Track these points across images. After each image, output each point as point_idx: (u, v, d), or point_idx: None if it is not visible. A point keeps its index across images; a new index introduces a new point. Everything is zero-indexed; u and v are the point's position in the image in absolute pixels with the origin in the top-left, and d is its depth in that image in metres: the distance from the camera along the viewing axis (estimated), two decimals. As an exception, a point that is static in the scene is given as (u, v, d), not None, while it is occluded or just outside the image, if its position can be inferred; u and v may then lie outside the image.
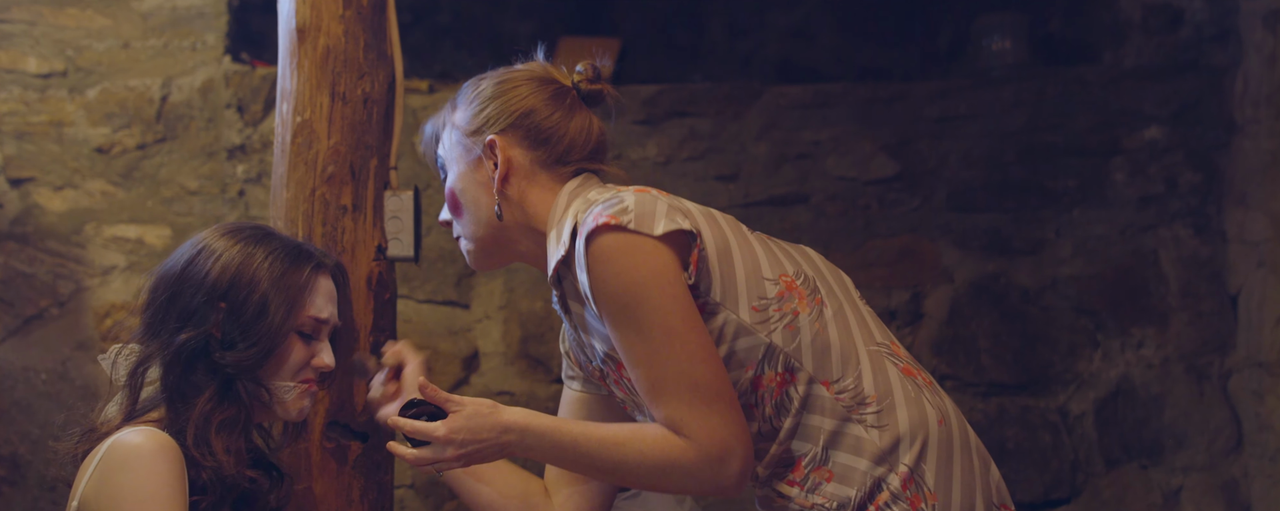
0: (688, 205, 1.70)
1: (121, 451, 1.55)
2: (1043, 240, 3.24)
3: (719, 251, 1.66)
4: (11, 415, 3.08)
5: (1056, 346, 3.21)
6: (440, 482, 3.13)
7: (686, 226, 1.62)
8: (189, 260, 1.68)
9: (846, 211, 3.25)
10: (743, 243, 1.70)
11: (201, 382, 1.64)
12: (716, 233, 1.67)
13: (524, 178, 1.78)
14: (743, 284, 1.65)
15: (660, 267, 1.61)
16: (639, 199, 1.65)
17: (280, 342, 1.67)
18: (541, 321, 3.18)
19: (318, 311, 1.71)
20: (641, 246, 1.61)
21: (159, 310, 1.67)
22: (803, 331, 1.65)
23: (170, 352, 1.64)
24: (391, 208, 2.30)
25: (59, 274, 3.13)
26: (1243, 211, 3.11)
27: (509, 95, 1.81)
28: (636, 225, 1.61)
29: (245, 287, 1.65)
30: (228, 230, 1.73)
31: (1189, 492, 3.17)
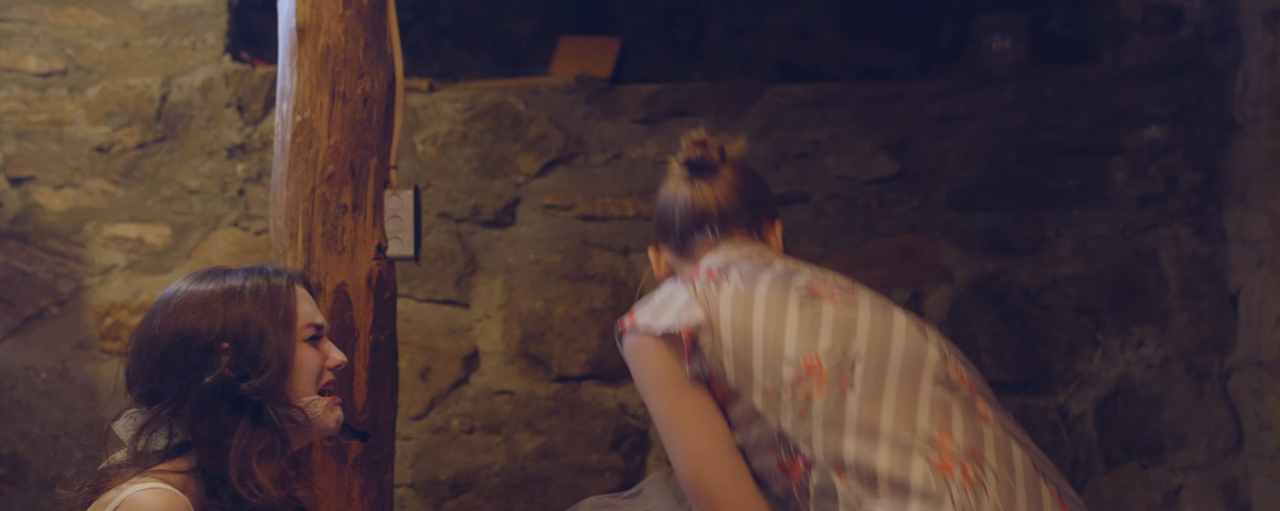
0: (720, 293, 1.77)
1: (136, 508, 1.56)
2: (1043, 239, 3.24)
3: (736, 338, 1.73)
4: (12, 414, 3.08)
5: (1056, 345, 3.21)
6: (441, 482, 3.13)
7: (676, 329, 1.73)
8: (164, 318, 1.70)
9: (846, 211, 3.25)
10: (774, 319, 1.74)
11: (230, 422, 1.65)
12: (739, 319, 1.74)
13: (675, 273, 1.96)
14: (759, 369, 1.71)
15: (657, 365, 1.75)
16: (668, 293, 1.80)
17: (293, 354, 1.70)
18: (541, 321, 3.18)
19: (310, 317, 1.75)
20: (644, 346, 1.77)
21: (154, 376, 1.68)
22: (814, 416, 1.67)
23: (189, 406, 1.65)
24: (391, 207, 2.30)
25: (59, 273, 3.13)
26: (1243, 211, 3.11)
27: (653, 209, 2.00)
28: (645, 324, 1.77)
29: (238, 322, 1.68)
30: (185, 287, 1.74)
31: (1189, 491, 3.17)
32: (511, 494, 3.13)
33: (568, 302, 3.19)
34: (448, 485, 3.13)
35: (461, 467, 3.13)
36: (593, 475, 3.14)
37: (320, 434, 1.76)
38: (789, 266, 1.87)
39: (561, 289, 3.19)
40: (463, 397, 3.16)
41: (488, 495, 3.13)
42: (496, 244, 3.21)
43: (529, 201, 3.22)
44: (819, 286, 1.81)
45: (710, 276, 1.80)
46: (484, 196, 3.21)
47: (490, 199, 3.21)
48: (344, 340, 2.22)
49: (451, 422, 3.15)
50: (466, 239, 3.20)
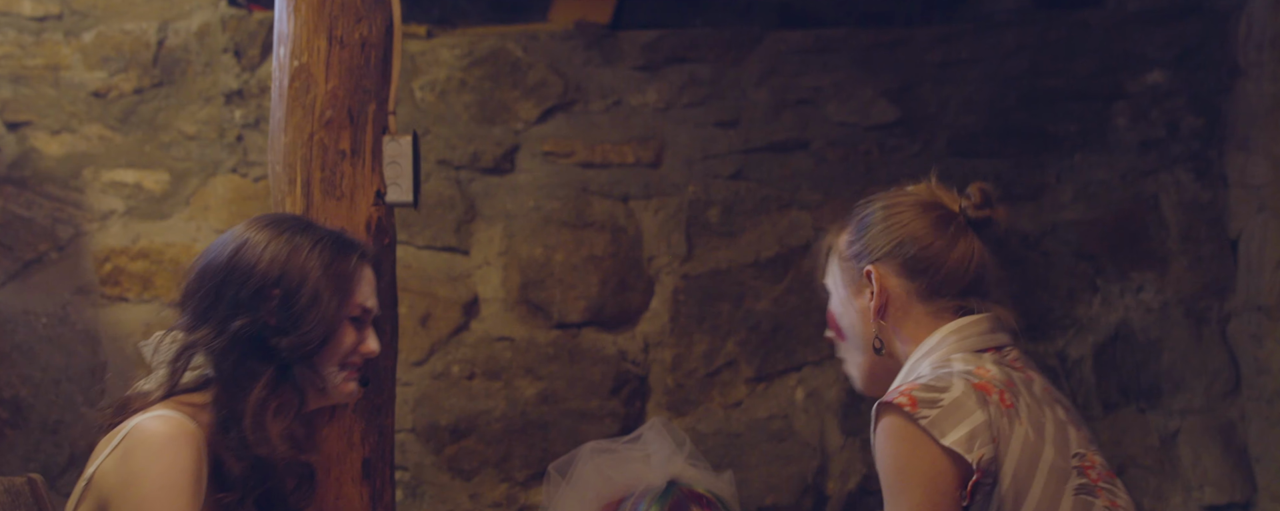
0: (1017, 428, 1.60)
1: (143, 435, 1.57)
2: (1043, 185, 3.23)
3: (1009, 495, 1.58)
4: (13, 358, 3.09)
5: (1056, 291, 3.22)
6: (441, 427, 3.15)
7: (970, 460, 1.56)
8: (234, 251, 1.71)
9: (847, 157, 3.24)
10: (1048, 497, 1.59)
11: (256, 369, 1.66)
12: (1021, 475, 1.58)
13: (900, 309, 1.73)
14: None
15: (931, 472, 1.57)
16: (961, 398, 1.59)
17: (337, 328, 1.71)
18: (541, 268, 3.19)
19: (365, 299, 1.76)
20: (920, 444, 1.57)
21: (206, 299, 1.70)
22: None
23: (224, 339, 1.66)
24: (390, 153, 2.29)
25: (58, 218, 3.12)
26: (1244, 155, 3.10)
27: (891, 221, 1.75)
28: (929, 424, 1.57)
29: (297, 275, 1.69)
30: (268, 222, 1.76)
31: (1186, 435, 3.19)
32: (512, 439, 3.15)
33: (567, 250, 3.19)
34: (448, 430, 3.15)
35: (462, 413, 3.15)
36: (593, 420, 3.15)
37: (334, 402, 1.77)
38: (1047, 393, 1.73)
39: (561, 236, 3.19)
40: (463, 344, 3.17)
41: (488, 440, 3.15)
42: (496, 191, 3.20)
43: (528, 148, 3.22)
44: (1089, 462, 1.67)
45: (1002, 402, 1.61)
46: (483, 143, 3.20)
47: (489, 146, 3.20)
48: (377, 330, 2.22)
49: (452, 368, 3.16)
50: (466, 186, 3.20)
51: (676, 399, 3.19)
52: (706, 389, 3.19)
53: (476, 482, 3.14)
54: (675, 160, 3.23)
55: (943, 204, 1.78)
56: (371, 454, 2.22)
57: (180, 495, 1.54)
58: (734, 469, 2.51)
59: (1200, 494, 3.16)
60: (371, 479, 2.22)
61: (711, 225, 3.22)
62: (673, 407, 3.18)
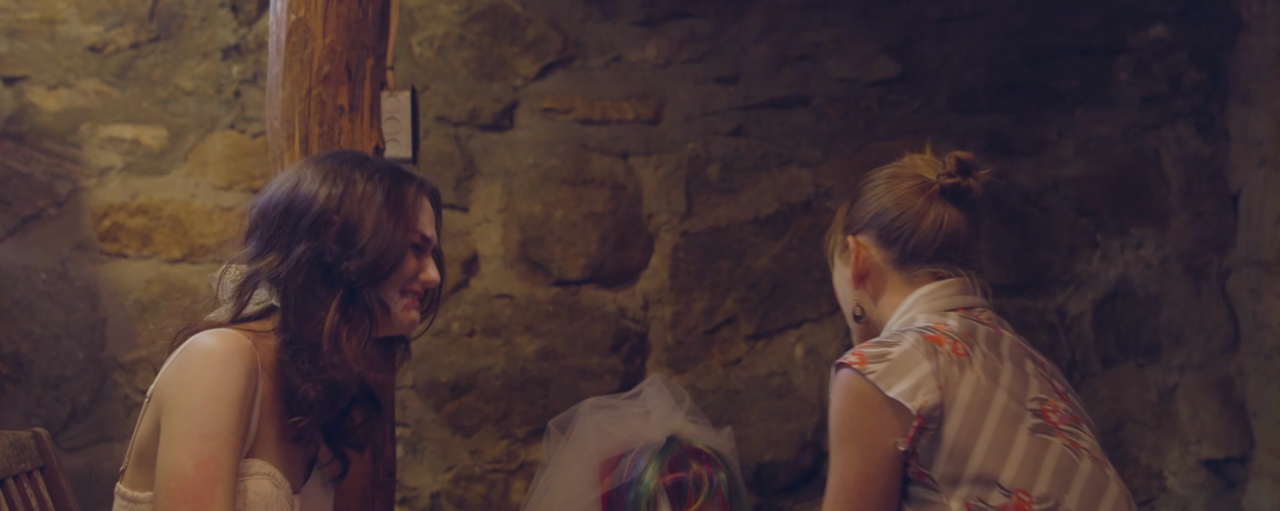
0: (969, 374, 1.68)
1: (197, 347, 1.61)
2: (1044, 141, 3.22)
3: (960, 436, 1.65)
4: (13, 314, 3.09)
5: (1056, 247, 3.21)
6: (442, 384, 3.16)
7: (911, 408, 1.65)
8: (294, 184, 1.74)
9: (847, 113, 3.23)
10: (1002, 437, 1.66)
11: (324, 294, 1.69)
12: (971, 416, 1.66)
13: (878, 276, 1.84)
14: (969, 477, 1.65)
15: (869, 425, 1.67)
16: (909, 350, 1.69)
17: (403, 253, 1.73)
18: (541, 225, 3.18)
19: (424, 228, 1.78)
20: (864, 397, 1.68)
21: (268, 231, 1.73)
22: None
23: (288, 266, 1.69)
24: (388, 108, 2.28)
25: (56, 174, 3.12)
26: (1246, 110, 3.09)
27: (869, 193, 1.86)
28: (878, 377, 1.67)
29: (358, 203, 1.71)
30: (326, 156, 1.79)
31: (1184, 390, 3.20)
32: (512, 396, 3.16)
33: (567, 207, 3.18)
34: (448, 387, 3.15)
35: (462, 370, 3.15)
36: (592, 377, 3.16)
37: (398, 330, 1.79)
38: (1015, 347, 1.81)
39: (560, 193, 3.18)
40: (463, 301, 3.17)
41: (488, 397, 3.16)
42: (495, 148, 3.19)
43: (527, 105, 3.20)
44: (1050, 406, 1.74)
45: (955, 351, 1.70)
46: (482, 99, 3.19)
47: (488, 102, 3.19)
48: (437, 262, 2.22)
49: (452, 325, 3.17)
50: (464, 142, 3.19)
51: (676, 356, 3.19)
52: (706, 346, 3.20)
53: (477, 439, 3.15)
54: (675, 117, 3.22)
55: (920, 174, 1.86)
56: (372, 409, 2.23)
57: (227, 406, 1.58)
58: (733, 425, 2.52)
59: (1197, 448, 3.18)
60: (372, 434, 2.23)
61: (711, 182, 3.21)
62: (672, 364, 3.19)
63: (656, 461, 2.23)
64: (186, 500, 1.55)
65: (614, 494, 2.24)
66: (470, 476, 3.15)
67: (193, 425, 1.57)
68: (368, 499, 2.22)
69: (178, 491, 1.55)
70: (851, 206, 1.89)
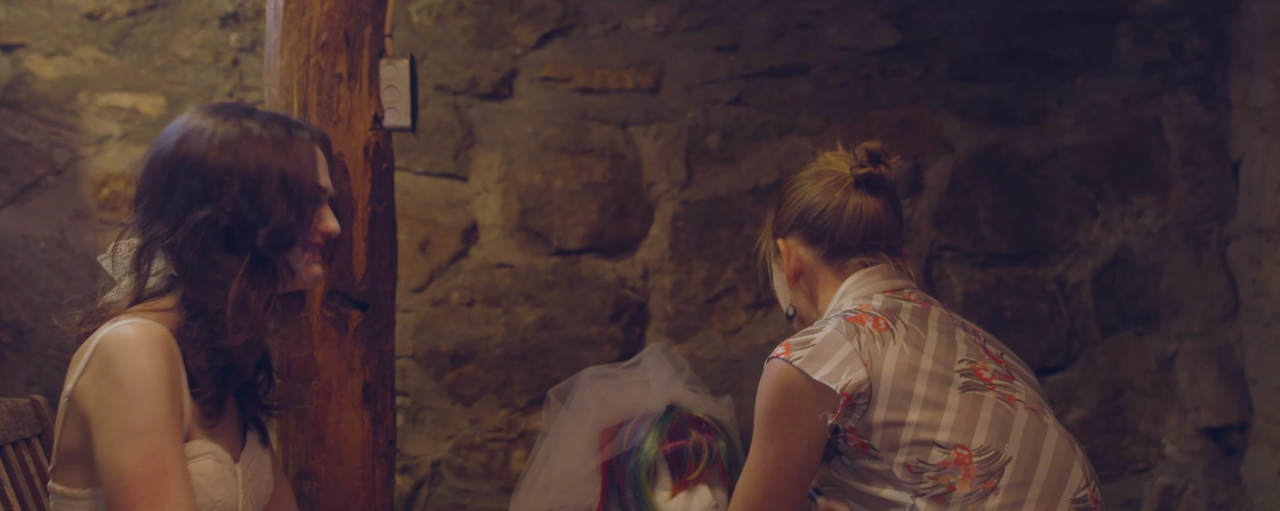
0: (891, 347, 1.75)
1: (115, 343, 1.54)
2: (1045, 109, 3.22)
3: (891, 410, 1.72)
4: (13, 282, 3.09)
5: (1056, 216, 3.21)
6: (442, 353, 3.16)
7: (835, 388, 1.71)
8: (180, 141, 1.65)
9: (848, 82, 3.22)
10: (934, 399, 1.72)
11: (225, 262, 1.62)
12: (900, 385, 1.72)
13: (811, 275, 1.91)
14: (907, 442, 1.71)
15: (795, 410, 1.74)
16: (831, 334, 1.76)
17: (309, 212, 1.67)
18: (540, 194, 3.18)
19: (320, 179, 1.71)
20: (791, 385, 1.75)
21: (159, 195, 1.64)
22: (952, 506, 1.69)
23: (182, 233, 1.61)
24: (387, 76, 2.27)
25: (54, 142, 3.11)
26: (1248, 77, 3.08)
27: (791, 196, 1.92)
28: (803, 363, 1.74)
29: (254, 162, 1.63)
30: (210, 110, 1.70)
31: (1183, 358, 3.20)
32: (512, 365, 3.16)
33: (566, 176, 3.18)
34: (448, 356, 3.16)
35: (462, 339, 3.16)
36: (592, 347, 3.16)
37: (300, 287, 1.74)
38: (944, 319, 1.86)
39: (560, 162, 3.18)
40: (462, 270, 3.17)
41: (488, 366, 3.16)
42: (494, 116, 3.18)
43: (526, 74, 3.19)
44: (980, 366, 1.80)
45: (877, 327, 1.77)
46: (481, 68, 3.18)
47: (487, 71, 3.18)
48: (342, 211, 2.22)
49: (451, 295, 3.17)
50: (464, 111, 3.18)
51: (676, 325, 3.20)
52: (706, 315, 3.20)
53: (477, 408, 3.16)
54: (675, 85, 3.21)
55: (835, 170, 1.92)
56: (372, 378, 2.23)
57: (157, 395, 1.52)
58: (733, 394, 2.53)
59: (1196, 416, 3.19)
60: (372, 403, 2.24)
61: (711, 151, 3.20)
62: (672, 334, 3.19)
63: (656, 430, 2.23)
64: (140, 498, 1.49)
65: (614, 462, 2.24)
66: (470, 445, 3.16)
67: (127, 423, 1.51)
68: (368, 467, 2.23)
69: (129, 491, 1.50)
70: (778, 211, 1.95)
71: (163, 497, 1.49)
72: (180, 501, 1.51)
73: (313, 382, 2.20)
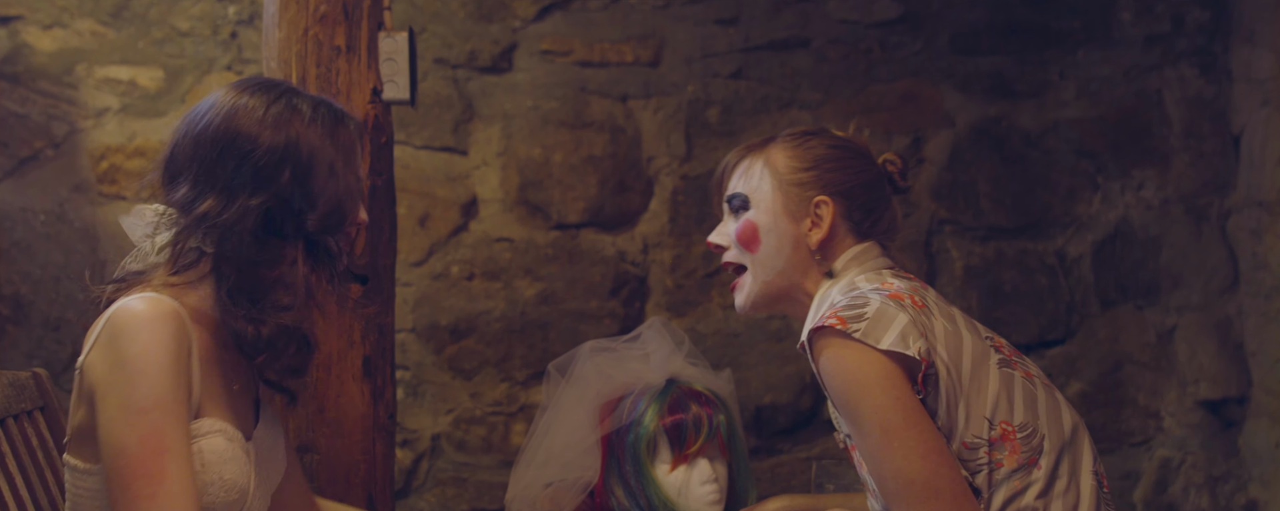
0: (935, 322, 1.71)
1: (124, 318, 1.53)
2: (1046, 82, 3.21)
3: (950, 379, 1.67)
4: (12, 255, 3.09)
5: (1056, 190, 3.21)
6: (441, 327, 3.16)
7: (912, 354, 1.64)
8: (229, 117, 1.62)
9: (848, 56, 3.21)
10: (979, 374, 1.69)
11: (277, 246, 1.61)
12: (953, 358, 1.68)
13: (836, 240, 1.83)
14: (963, 418, 1.67)
15: (881, 374, 1.65)
16: (880, 310, 1.67)
17: (356, 200, 1.67)
18: (540, 168, 3.17)
19: (360, 170, 1.71)
20: (861, 356, 1.65)
21: (207, 172, 1.61)
22: (999, 486, 1.66)
23: (233, 214, 1.59)
24: (386, 49, 2.27)
25: (52, 115, 3.10)
26: (1250, 49, 3.07)
27: (841, 166, 1.84)
28: (863, 335, 1.65)
29: (306, 148, 1.61)
30: (255, 87, 1.66)
31: (1183, 331, 3.21)
32: (512, 339, 3.16)
33: (566, 150, 3.17)
34: (448, 330, 3.16)
35: (462, 313, 3.16)
36: (592, 321, 3.17)
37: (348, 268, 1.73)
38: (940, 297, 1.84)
39: (560, 136, 3.17)
40: (462, 244, 3.17)
41: (488, 340, 3.16)
42: (494, 90, 3.17)
43: (526, 47, 3.18)
44: (997, 342, 1.78)
45: (916, 304, 1.72)
46: (480, 41, 3.17)
47: (486, 44, 3.17)
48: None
49: (451, 269, 3.17)
50: (463, 85, 3.17)
51: (675, 299, 3.20)
52: (705, 289, 3.20)
53: (477, 382, 3.17)
54: (674, 59, 3.20)
55: (875, 162, 1.89)
56: (372, 352, 2.24)
57: (161, 373, 1.51)
58: (733, 368, 2.53)
59: (1195, 389, 3.19)
60: (372, 376, 2.24)
61: (711, 125, 3.20)
62: (672, 308, 3.19)
63: (656, 403, 2.24)
64: (137, 477, 1.48)
65: (614, 436, 2.25)
66: (470, 419, 3.17)
67: (128, 400, 1.50)
68: (369, 441, 2.23)
69: (126, 470, 1.48)
70: (816, 166, 1.84)
71: (161, 477, 1.48)
72: (179, 481, 1.49)
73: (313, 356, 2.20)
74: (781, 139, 1.87)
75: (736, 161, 1.89)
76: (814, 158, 1.85)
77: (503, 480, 3.00)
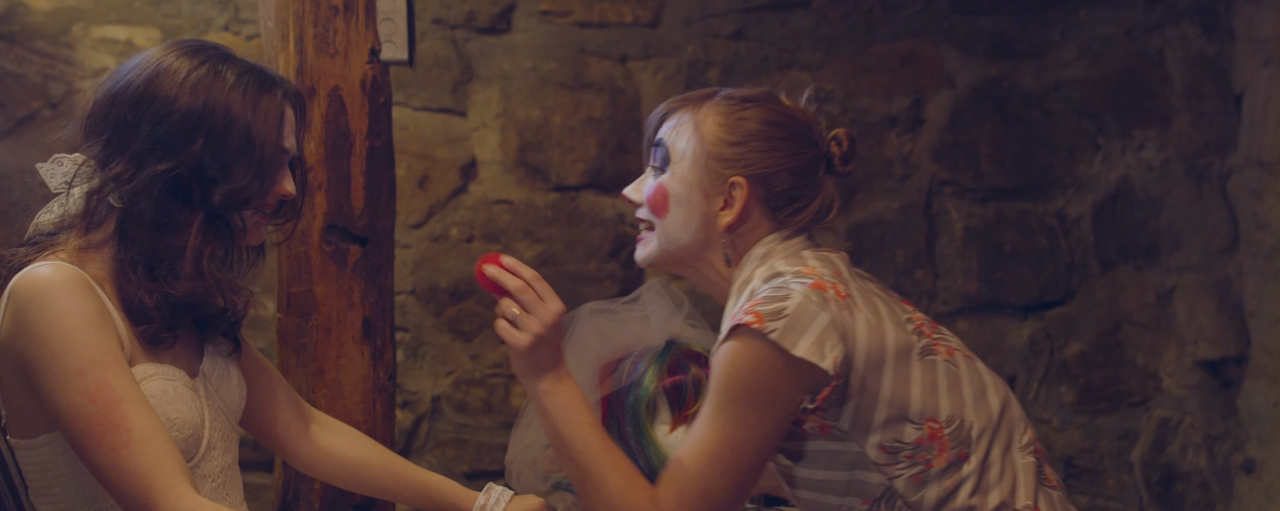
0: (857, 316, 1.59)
1: (30, 287, 1.50)
2: (1047, 42, 3.19)
3: (864, 382, 1.58)
4: (10, 217, 3.08)
5: (1057, 150, 3.20)
6: (441, 289, 3.16)
7: (825, 367, 1.54)
8: (150, 79, 1.59)
9: (848, 15, 3.19)
10: (901, 373, 1.60)
11: (178, 212, 1.58)
12: (873, 360, 1.58)
13: (750, 225, 1.71)
14: (879, 421, 1.59)
15: (770, 385, 1.56)
16: (803, 303, 1.57)
17: (271, 175, 1.62)
18: (539, 130, 3.16)
19: (286, 140, 1.65)
20: (765, 360, 1.55)
21: (122, 132, 1.58)
22: (929, 486, 1.59)
23: (142, 180, 1.56)
24: (384, 8, 2.25)
25: (50, 75, 3.08)
26: (1252, 7, 3.06)
27: (771, 147, 1.70)
28: (779, 337, 1.54)
29: (223, 116, 1.58)
30: (185, 49, 1.63)
31: (1182, 291, 3.21)
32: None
33: (565, 111, 3.16)
34: (448, 292, 3.16)
35: (461, 275, 3.16)
36: (592, 283, 3.17)
37: (247, 243, 1.68)
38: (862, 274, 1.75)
39: (559, 97, 3.16)
40: (461, 206, 3.17)
41: (488, 302, 3.15)
42: (492, 51, 3.16)
43: (525, 7, 3.16)
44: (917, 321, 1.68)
45: (839, 295, 1.60)
46: (478, 2, 3.15)
47: (485, 5, 3.15)
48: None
49: (450, 231, 3.17)
50: (462, 46, 3.15)
51: (675, 260, 3.19)
52: (705, 251, 3.20)
53: (477, 344, 3.17)
54: (674, 19, 3.18)
55: (817, 143, 1.74)
56: (372, 313, 2.24)
57: (86, 331, 1.49)
58: (732, 328, 2.53)
59: (1194, 349, 3.20)
60: (372, 338, 2.24)
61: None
62: (671, 269, 3.19)
63: (656, 365, 2.24)
64: (103, 431, 1.47)
65: (613, 397, 2.25)
66: (470, 380, 3.17)
67: (64, 367, 1.47)
68: (369, 402, 2.24)
69: (89, 430, 1.47)
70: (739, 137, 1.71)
71: (125, 425, 1.47)
72: (144, 424, 1.48)
73: (312, 317, 2.20)
74: (719, 101, 1.74)
75: (669, 111, 1.78)
76: (745, 132, 1.71)
77: (503, 441, 3.01)
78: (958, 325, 3.20)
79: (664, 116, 1.78)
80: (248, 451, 2.77)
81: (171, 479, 1.47)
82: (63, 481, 1.57)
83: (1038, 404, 3.22)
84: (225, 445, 1.68)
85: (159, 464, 1.47)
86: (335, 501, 2.20)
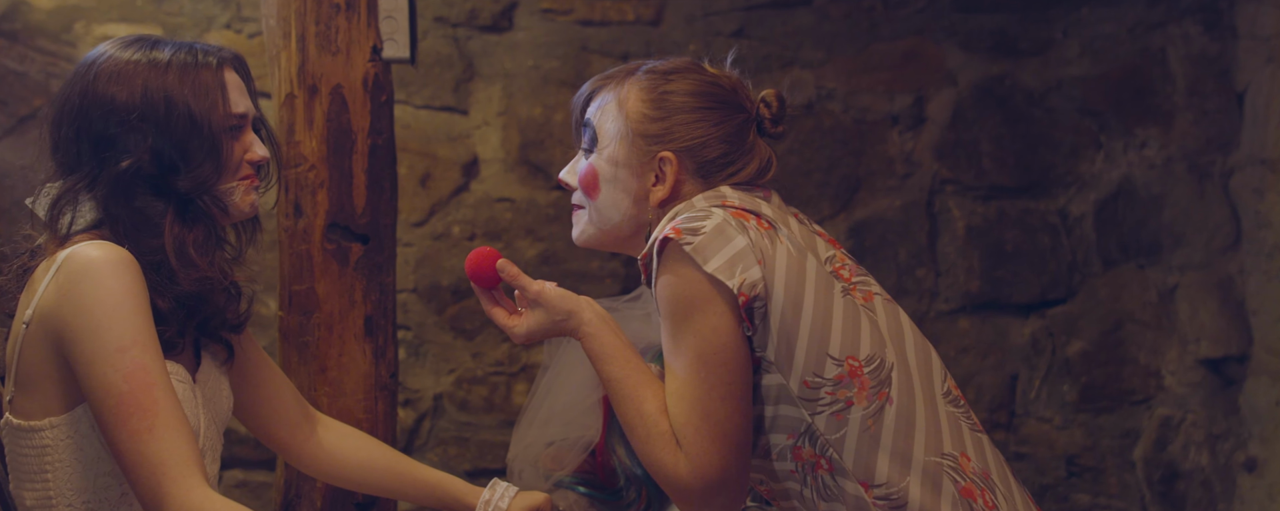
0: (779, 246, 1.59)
1: (82, 262, 1.52)
2: (1050, 40, 3.19)
3: (785, 312, 1.57)
4: (12, 214, 3.08)
5: (1059, 148, 3.20)
6: (443, 287, 3.16)
7: (732, 285, 1.55)
8: (86, 87, 1.61)
9: (850, 14, 3.19)
10: (821, 306, 1.59)
11: (152, 209, 1.59)
12: (791, 290, 1.58)
13: (683, 197, 1.70)
14: (801, 354, 1.58)
15: (707, 296, 1.56)
16: (719, 227, 1.58)
17: (221, 149, 1.63)
18: (540, 128, 3.16)
19: (234, 106, 1.65)
20: (692, 273, 1.56)
21: (70, 145, 1.61)
22: (851, 425, 1.58)
23: (105, 185, 1.59)
24: (386, 7, 2.25)
25: (51, 72, 3.08)
26: (1255, 5, 3.06)
27: (697, 118, 1.70)
28: (693, 250, 1.56)
29: (162, 103, 1.59)
30: (115, 46, 1.65)
31: (1184, 290, 3.21)
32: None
33: (567, 109, 3.16)
34: (450, 290, 3.16)
35: (463, 273, 3.16)
36: (593, 281, 3.17)
37: (237, 219, 1.70)
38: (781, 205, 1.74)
39: (560, 95, 3.16)
40: (463, 204, 3.17)
41: (490, 300, 3.16)
42: (494, 49, 3.16)
43: (526, 6, 3.16)
44: (838, 263, 1.68)
45: (761, 226, 1.61)
46: (480, 0, 3.15)
47: (487, 2, 3.15)
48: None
49: (452, 229, 3.17)
50: (463, 44, 3.15)
51: (677, 258, 3.20)
52: (707, 249, 3.20)
53: (479, 342, 3.17)
54: (676, 17, 3.18)
55: (745, 107, 1.74)
56: (373, 311, 2.24)
57: (133, 312, 1.51)
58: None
59: (1196, 347, 3.20)
60: (374, 335, 2.24)
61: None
62: (673, 267, 3.19)
63: (657, 363, 2.24)
64: (132, 413, 1.49)
65: (615, 394, 2.25)
66: (472, 378, 3.18)
67: (106, 343, 1.49)
68: (371, 399, 2.24)
69: (118, 408, 1.49)
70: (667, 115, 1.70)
71: (154, 409, 1.49)
72: (171, 411, 1.50)
73: (314, 315, 2.20)
74: (642, 76, 1.73)
75: (593, 89, 1.77)
76: (669, 107, 1.70)
77: (504, 439, 3.01)
78: (960, 323, 3.20)
79: (589, 96, 1.78)
80: (249, 450, 2.77)
81: (187, 468, 1.49)
82: (56, 469, 1.58)
83: (1040, 402, 3.22)
84: (212, 454, 1.69)
85: (178, 452, 1.49)
86: (337, 500, 2.20)
